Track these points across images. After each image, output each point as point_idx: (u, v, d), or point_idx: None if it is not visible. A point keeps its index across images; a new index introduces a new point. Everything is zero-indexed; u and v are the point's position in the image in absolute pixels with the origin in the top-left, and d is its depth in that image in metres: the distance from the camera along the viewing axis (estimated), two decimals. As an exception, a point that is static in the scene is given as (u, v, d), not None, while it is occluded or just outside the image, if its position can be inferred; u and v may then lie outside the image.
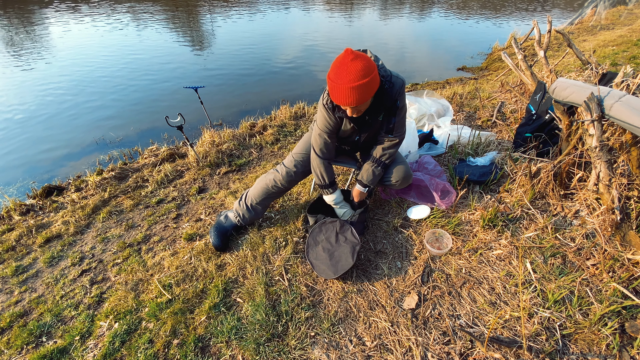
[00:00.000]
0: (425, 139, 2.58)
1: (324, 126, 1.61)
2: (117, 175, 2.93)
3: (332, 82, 1.32)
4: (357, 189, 1.78)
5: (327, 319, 1.45)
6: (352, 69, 1.26)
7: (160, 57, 6.94)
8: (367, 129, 1.67)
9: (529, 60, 4.75)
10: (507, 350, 1.24)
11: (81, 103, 5.07)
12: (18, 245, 2.26)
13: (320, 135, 1.64)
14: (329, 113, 1.56)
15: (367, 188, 1.75)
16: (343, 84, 1.28)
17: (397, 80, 1.49)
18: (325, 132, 1.62)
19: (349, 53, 1.29)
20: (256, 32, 9.08)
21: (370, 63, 1.30)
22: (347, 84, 1.27)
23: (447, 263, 1.65)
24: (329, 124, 1.60)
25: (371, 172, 1.72)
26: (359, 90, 1.29)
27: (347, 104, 1.33)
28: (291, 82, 5.93)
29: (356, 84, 1.27)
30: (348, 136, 1.72)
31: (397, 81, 1.49)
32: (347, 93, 1.29)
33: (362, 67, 1.27)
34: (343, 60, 1.29)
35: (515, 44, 3.06)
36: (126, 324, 1.55)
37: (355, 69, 1.26)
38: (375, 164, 1.71)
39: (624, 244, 1.50)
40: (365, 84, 1.28)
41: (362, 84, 1.27)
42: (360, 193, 1.78)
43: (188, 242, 2.02)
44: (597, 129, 1.47)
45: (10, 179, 3.45)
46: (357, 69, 1.26)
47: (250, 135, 3.46)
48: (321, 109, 1.58)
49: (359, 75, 1.26)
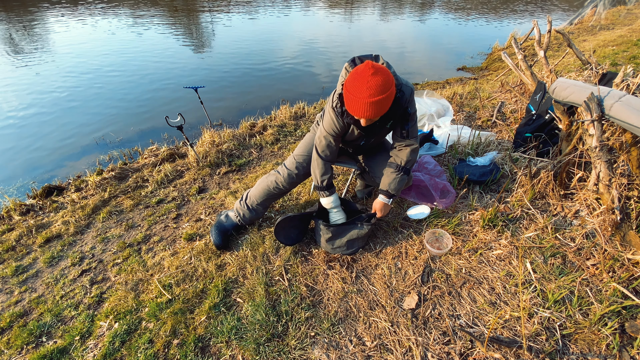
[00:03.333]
0: (425, 139, 2.58)
1: (331, 129, 1.59)
2: (117, 175, 2.93)
3: (350, 94, 1.30)
4: (381, 200, 1.69)
5: (327, 319, 1.45)
6: (373, 83, 1.25)
7: (160, 57, 6.93)
8: (373, 135, 1.67)
9: (529, 60, 4.75)
10: (507, 350, 1.24)
11: (81, 103, 5.07)
12: (18, 245, 2.26)
13: (325, 137, 1.62)
14: (337, 117, 1.54)
15: (392, 199, 1.68)
16: (363, 98, 1.26)
17: (406, 89, 1.49)
18: (331, 135, 1.61)
19: (370, 67, 1.27)
20: (256, 32, 9.08)
21: (390, 77, 1.29)
22: (367, 98, 1.26)
23: (447, 263, 1.65)
24: (335, 128, 1.58)
25: (398, 181, 1.65)
26: (378, 105, 1.28)
27: (365, 117, 1.33)
28: (291, 82, 5.92)
29: (375, 99, 1.26)
30: (354, 140, 1.71)
31: (407, 89, 1.49)
32: (366, 107, 1.28)
33: (383, 82, 1.26)
34: (363, 73, 1.27)
35: (515, 44, 3.06)
36: (126, 324, 1.55)
37: (376, 83, 1.25)
38: (401, 172, 1.66)
39: (624, 244, 1.50)
40: (383, 99, 1.27)
41: (381, 99, 1.27)
42: (384, 205, 1.69)
43: (188, 242, 2.02)
44: (597, 129, 1.47)
45: (10, 179, 3.45)
46: (377, 84, 1.25)
47: (250, 135, 3.46)
48: (329, 111, 1.56)
49: (379, 90, 1.25)
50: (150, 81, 5.82)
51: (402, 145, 1.65)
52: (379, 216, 1.72)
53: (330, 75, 6.10)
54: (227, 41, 8.23)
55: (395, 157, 1.68)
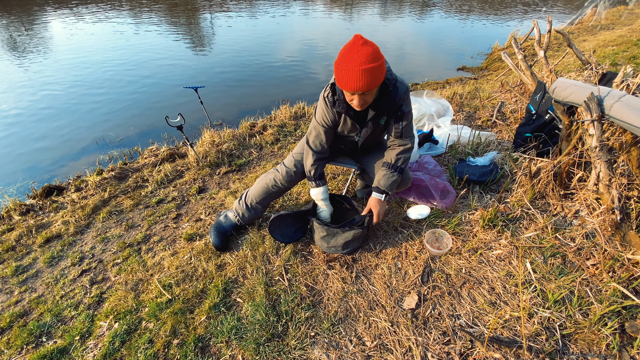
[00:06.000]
0: (425, 139, 2.58)
1: (322, 119, 1.60)
2: (117, 175, 2.93)
3: (341, 66, 1.29)
4: (375, 197, 1.68)
5: (327, 319, 1.45)
6: (363, 52, 1.25)
7: (160, 57, 6.93)
8: (366, 130, 1.65)
9: (529, 60, 4.75)
10: (507, 350, 1.24)
11: (81, 103, 5.07)
12: (18, 245, 2.26)
13: (315, 127, 1.63)
14: (328, 107, 1.55)
15: (386, 195, 1.68)
16: (354, 66, 1.25)
17: (401, 86, 1.49)
18: (322, 125, 1.61)
19: (359, 38, 1.27)
20: (256, 32, 9.08)
21: (379, 50, 1.29)
22: (359, 66, 1.25)
23: (447, 263, 1.65)
24: (326, 118, 1.58)
25: (388, 178, 1.66)
26: (370, 73, 1.26)
27: (358, 87, 1.30)
28: (291, 82, 5.93)
29: (367, 66, 1.25)
30: (347, 134, 1.70)
31: (402, 86, 1.49)
32: (359, 76, 1.26)
33: (373, 51, 1.26)
34: (353, 44, 1.27)
35: (515, 44, 3.06)
36: (126, 324, 1.55)
37: (366, 52, 1.25)
38: (392, 170, 1.66)
39: (624, 244, 1.50)
40: (376, 67, 1.26)
41: (373, 67, 1.26)
42: (378, 201, 1.68)
43: (188, 242, 2.02)
44: (597, 129, 1.47)
45: (10, 179, 3.45)
46: (367, 52, 1.25)
47: (250, 135, 3.46)
48: (321, 102, 1.57)
49: (370, 58, 1.25)
50: (151, 81, 5.82)
51: (395, 144, 1.67)
52: (375, 213, 1.69)
53: (330, 76, 6.05)
54: (228, 41, 8.23)
55: (386, 155, 1.70)
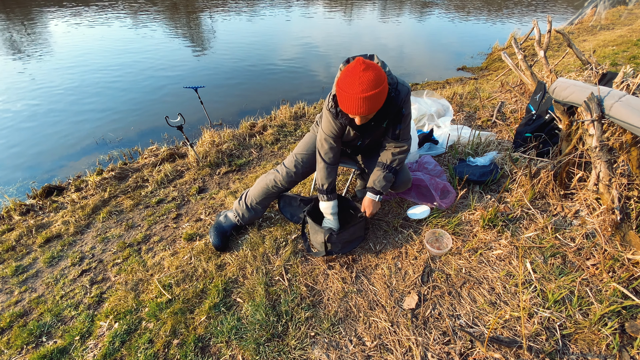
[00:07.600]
0: (425, 139, 2.58)
1: (329, 131, 1.60)
2: (117, 175, 2.93)
3: (342, 91, 1.30)
4: (369, 197, 1.71)
5: (327, 319, 1.45)
6: (365, 79, 1.25)
7: (160, 57, 6.93)
8: (369, 135, 1.67)
9: (529, 60, 4.75)
10: (507, 350, 1.24)
11: (81, 103, 5.07)
12: (18, 245, 2.26)
13: (325, 139, 1.63)
14: (333, 118, 1.55)
15: (380, 195, 1.70)
16: (355, 94, 1.26)
17: (402, 89, 1.49)
18: (331, 136, 1.61)
19: (361, 63, 1.27)
20: (256, 32, 9.07)
21: (381, 73, 1.29)
22: (359, 94, 1.26)
23: (447, 263, 1.65)
24: (333, 129, 1.59)
25: (382, 178, 1.68)
26: (370, 101, 1.27)
27: (358, 113, 1.32)
28: (291, 82, 5.93)
29: (368, 94, 1.25)
30: (350, 140, 1.72)
31: (403, 89, 1.49)
32: (359, 103, 1.28)
33: (374, 77, 1.26)
34: (354, 69, 1.27)
35: (515, 44, 3.06)
36: (126, 324, 1.55)
37: (368, 79, 1.25)
38: (386, 170, 1.68)
39: (624, 244, 1.50)
40: (376, 94, 1.27)
41: (374, 95, 1.26)
42: (372, 202, 1.70)
43: (188, 242, 2.02)
44: (597, 129, 1.47)
45: (10, 179, 3.45)
46: (369, 79, 1.25)
47: (250, 135, 3.46)
48: (326, 114, 1.58)
49: (371, 85, 1.25)
50: (151, 81, 5.82)
51: (391, 145, 1.67)
52: (368, 213, 1.73)
53: (330, 76, 6.10)
54: (228, 41, 8.23)
55: (382, 155, 1.71)
